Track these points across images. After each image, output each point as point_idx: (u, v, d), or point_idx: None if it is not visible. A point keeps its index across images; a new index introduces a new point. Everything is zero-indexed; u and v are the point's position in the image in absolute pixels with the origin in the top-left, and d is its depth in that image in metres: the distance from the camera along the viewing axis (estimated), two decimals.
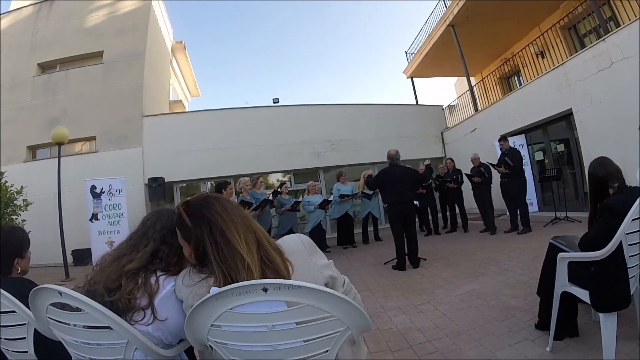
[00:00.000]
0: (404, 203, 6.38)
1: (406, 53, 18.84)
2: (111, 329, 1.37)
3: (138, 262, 1.54)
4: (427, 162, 6.91)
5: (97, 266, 1.58)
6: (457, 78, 20.45)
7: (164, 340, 1.49)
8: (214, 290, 1.09)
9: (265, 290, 1.05)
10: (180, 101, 20.06)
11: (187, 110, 20.02)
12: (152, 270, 1.54)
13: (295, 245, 1.39)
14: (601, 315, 2.33)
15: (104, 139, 12.67)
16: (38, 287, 1.41)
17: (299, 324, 1.09)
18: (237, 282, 1.17)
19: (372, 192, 9.50)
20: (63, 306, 1.41)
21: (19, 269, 2.23)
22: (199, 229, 1.32)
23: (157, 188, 10.98)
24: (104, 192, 9.59)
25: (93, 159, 12.30)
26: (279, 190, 8.74)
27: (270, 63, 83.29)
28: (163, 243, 1.61)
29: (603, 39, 8.23)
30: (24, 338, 1.86)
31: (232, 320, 1.11)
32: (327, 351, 1.14)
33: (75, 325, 1.42)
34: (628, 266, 2.33)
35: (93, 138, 12.89)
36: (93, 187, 9.85)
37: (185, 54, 19.35)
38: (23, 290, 1.76)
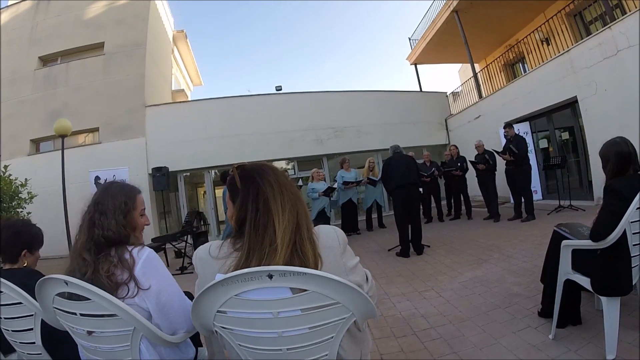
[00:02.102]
0: (409, 186, 6.40)
1: (409, 39, 18.67)
2: (117, 316, 1.39)
3: (83, 235, 1.59)
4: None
5: (69, 256, 1.62)
6: (461, 65, 20.34)
7: (151, 313, 1.52)
8: (220, 276, 1.09)
9: (270, 276, 1.04)
10: (183, 90, 20.03)
11: (189, 99, 19.97)
12: (116, 245, 1.57)
13: (330, 240, 1.34)
14: (604, 300, 2.34)
15: (106, 130, 12.70)
16: (44, 277, 1.43)
17: (304, 310, 1.09)
18: (256, 258, 1.20)
19: (377, 178, 9.50)
20: (70, 296, 1.42)
21: (25, 262, 2.26)
22: (246, 193, 1.32)
23: (161, 177, 10.99)
24: None
25: (96, 150, 12.36)
26: None
27: (273, 51, 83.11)
28: (95, 211, 1.63)
29: (609, 27, 8.12)
30: (31, 329, 1.88)
31: (238, 306, 1.11)
32: (332, 337, 1.14)
33: (81, 315, 1.43)
34: (632, 254, 2.32)
35: (96, 129, 12.94)
36: (97, 178, 9.90)
37: (186, 43, 19.28)
38: (28, 281, 1.79)
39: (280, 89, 14.51)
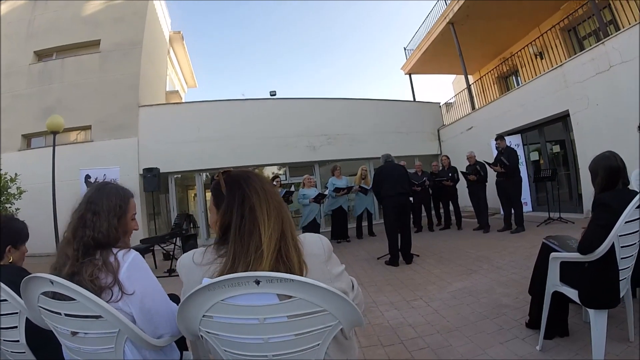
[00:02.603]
0: (400, 195, 6.41)
1: (405, 49, 18.83)
2: (102, 317, 1.38)
3: (70, 232, 1.58)
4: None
5: (58, 252, 1.59)
6: (455, 76, 20.50)
7: (135, 318, 1.50)
8: (206, 281, 1.08)
9: (257, 282, 1.04)
10: (177, 92, 19.97)
11: (183, 101, 19.93)
12: (101, 247, 1.55)
13: (316, 248, 1.34)
14: (591, 312, 2.36)
15: (99, 128, 12.61)
16: (30, 275, 1.41)
17: (290, 317, 1.09)
18: (242, 264, 1.19)
19: (368, 187, 9.52)
20: (54, 295, 1.41)
21: (11, 258, 2.21)
22: (232, 199, 1.31)
23: (152, 179, 10.91)
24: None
25: (88, 149, 12.25)
26: (274, 183, 8.71)
27: (268, 56, 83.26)
28: (87, 210, 1.62)
29: (602, 42, 8.23)
30: (16, 327, 1.85)
31: (224, 311, 1.10)
32: (318, 345, 1.14)
33: (66, 315, 1.42)
34: (620, 267, 2.35)
35: (88, 127, 12.84)
36: (87, 177, 9.83)
37: (183, 45, 19.25)
38: (14, 278, 1.78)
39: (275, 94, 14.51)
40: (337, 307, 1.08)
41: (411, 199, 6.96)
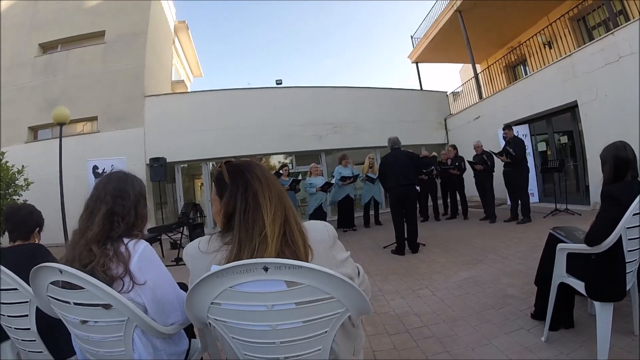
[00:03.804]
0: (405, 186, 6.38)
1: (412, 37, 18.63)
2: (111, 306, 1.39)
3: (98, 226, 1.55)
4: (434, 153, 6.96)
5: (69, 244, 1.59)
6: (462, 65, 20.28)
7: (147, 307, 1.51)
8: (215, 267, 1.08)
9: (265, 269, 1.04)
10: (183, 81, 19.95)
11: (189, 90, 19.88)
12: (116, 238, 1.55)
13: (320, 234, 1.36)
14: (597, 305, 2.35)
15: (105, 119, 12.66)
16: (38, 265, 1.42)
17: (298, 304, 1.09)
18: (247, 250, 1.20)
19: (375, 176, 9.51)
20: (64, 285, 1.42)
21: (36, 239, 2.44)
22: (235, 187, 1.33)
23: (159, 168, 10.96)
24: (105, 173, 9.54)
25: (94, 140, 12.30)
26: (280, 172, 8.72)
27: (274, 45, 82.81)
28: (116, 204, 1.61)
29: (612, 32, 8.12)
30: (27, 315, 1.88)
31: (232, 298, 1.11)
32: (325, 332, 1.15)
33: (75, 304, 1.43)
34: (627, 260, 2.33)
35: (94, 118, 12.88)
36: (95, 168, 9.90)
37: (188, 34, 19.19)
38: (39, 252, 2.11)
39: (281, 83, 14.44)
40: (345, 295, 1.08)
41: (418, 188, 6.93)
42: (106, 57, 13.24)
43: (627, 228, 2.27)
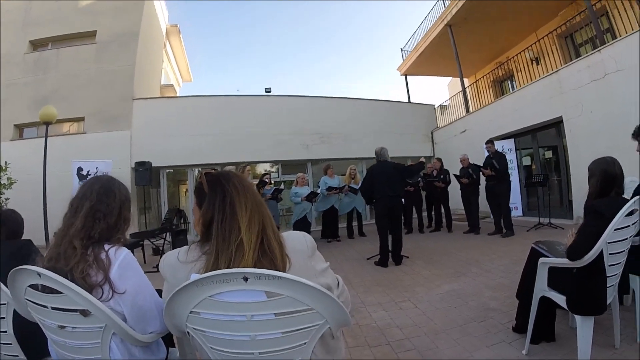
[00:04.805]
0: (391, 198, 6.38)
1: (402, 50, 18.83)
2: (89, 312, 1.38)
3: (80, 222, 1.54)
4: (422, 158, 6.97)
5: (52, 243, 1.57)
6: (450, 78, 20.54)
7: (126, 316, 1.49)
8: (195, 276, 1.08)
9: (245, 279, 1.04)
10: (172, 86, 19.87)
11: (178, 95, 19.81)
12: (97, 241, 1.54)
13: (299, 244, 1.38)
14: (578, 318, 2.38)
15: (92, 120, 12.49)
16: (17, 268, 1.40)
17: (277, 315, 1.09)
18: (224, 258, 1.21)
19: (357, 186, 9.53)
20: (43, 288, 1.40)
21: None
22: (213, 196, 1.35)
23: (144, 172, 10.85)
24: (90, 175, 9.43)
25: (80, 140, 12.14)
26: (265, 180, 8.70)
27: (265, 52, 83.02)
28: (100, 201, 1.61)
29: (598, 50, 8.31)
30: (4, 318, 1.84)
31: (212, 307, 1.10)
32: (305, 344, 1.14)
33: (53, 308, 1.41)
34: (608, 274, 2.37)
35: (82, 119, 12.71)
36: (80, 169, 9.75)
37: (179, 38, 19.14)
38: (25, 250, 2.19)
39: (270, 91, 14.46)
40: (324, 306, 1.08)
41: (403, 200, 6.94)
42: (96, 58, 13.09)
43: (609, 243, 2.31)
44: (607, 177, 2.58)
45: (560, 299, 2.49)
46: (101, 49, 13.21)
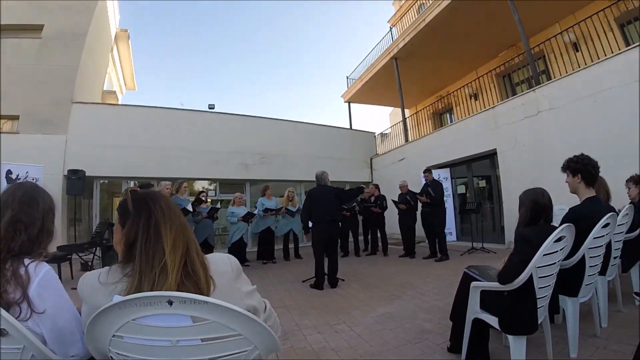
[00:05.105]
0: (329, 223, 6.43)
1: (347, 78, 19.35)
2: (6, 332, 1.27)
3: (3, 227, 1.43)
4: (362, 186, 7.06)
5: None
6: (392, 108, 21.20)
7: (46, 338, 1.38)
8: (117, 298, 1.05)
9: (170, 303, 1.01)
10: (114, 92, 19.09)
11: (120, 103, 19.07)
12: (17, 254, 1.42)
13: (223, 266, 1.36)
14: (510, 338, 2.48)
15: (27, 120, 11.53)
16: None
17: (204, 340, 1.07)
18: (147, 281, 1.17)
19: (295, 209, 9.59)
20: None
21: None
22: (138, 216, 1.32)
23: (77, 181, 10.27)
24: (20, 179, 8.81)
25: (12, 141, 11.09)
26: (202, 198, 8.50)
27: (212, 69, 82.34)
28: (22, 211, 1.50)
29: (533, 89, 8.96)
30: None
31: (135, 331, 1.07)
32: None
33: None
34: (538, 296, 2.50)
35: (16, 117, 11.71)
36: (9, 172, 9.08)
37: (127, 44, 18.50)
38: None
39: (213, 108, 14.23)
40: (253, 332, 1.08)
41: (340, 224, 6.99)
42: (39, 54, 12.20)
43: (538, 267, 2.45)
44: (536, 207, 2.74)
45: (492, 320, 2.59)
46: (45, 45, 12.34)
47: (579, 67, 8.23)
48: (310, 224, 6.68)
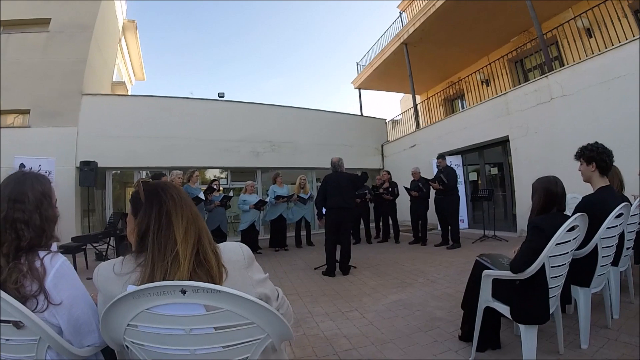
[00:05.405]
0: (344, 209, 6.45)
1: (357, 64, 19.15)
2: (22, 325, 1.30)
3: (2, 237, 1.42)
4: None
5: None
6: (403, 94, 21.01)
7: (62, 329, 1.40)
8: (131, 288, 1.06)
9: (183, 292, 1.02)
10: (124, 83, 19.12)
11: (129, 93, 19.12)
12: (29, 249, 1.43)
13: (235, 255, 1.37)
14: (522, 327, 2.46)
15: (38, 113, 11.65)
16: None
17: (217, 329, 1.08)
18: (160, 270, 1.18)
19: (306, 196, 9.56)
20: None
21: None
22: (149, 206, 1.33)
23: (89, 172, 10.37)
24: None
25: (24, 134, 11.24)
26: (214, 187, 8.54)
27: (221, 57, 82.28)
28: (15, 209, 1.46)
29: (546, 76, 8.80)
30: None
31: (149, 320, 1.08)
32: (247, 358, 1.13)
33: None
34: (550, 286, 2.47)
35: (27, 111, 11.83)
36: (22, 166, 9.18)
37: (135, 35, 18.48)
38: None
39: (223, 96, 14.22)
40: (265, 320, 1.08)
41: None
42: (47, 47, 12.25)
43: (550, 256, 2.42)
44: (549, 195, 2.71)
45: (504, 309, 2.57)
46: (53, 39, 12.39)
47: (592, 53, 8.08)
48: (324, 210, 6.70)
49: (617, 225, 3.03)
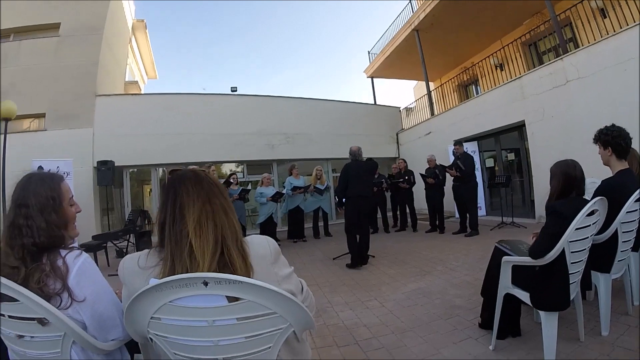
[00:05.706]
0: (364, 198, 6.43)
1: (369, 53, 19.02)
2: (47, 321, 1.32)
3: (8, 246, 1.42)
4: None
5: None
6: (416, 82, 20.83)
7: (87, 324, 1.42)
8: (154, 281, 1.06)
9: (205, 283, 1.02)
10: (136, 82, 19.28)
11: (142, 92, 19.30)
12: (48, 250, 1.43)
13: (262, 249, 1.33)
14: (542, 314, 2.44)
15: (53, 116, 11.90)
16: None
17: (240, 320, 1.08)
18: (179, 263, 1.17)
19: (324, 187, 9.58)
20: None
21: None
22: (166, 197, 1.31)
23: (107, 172, 10.53)
24: None
25: (41, 138, 11.51)
26: (231, 180, 8.58)
27: (232, 52, 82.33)
28: (18, 215, 1.46)
29: (561, 58, 8.60)
30: None
31: (172, 313, 1.08)
32: (269, 347, 1.14)
33: (10, 317, 1.35)
34: (570, 272, 2.44)
35: (42, 115, 12.09)
36: (40, 169, 9.37)
37: (145, 34, 18.62)
38: None
39: (236, 90, 14.24)
40: (287, 310, 1.08)
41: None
42: (59, 51, 12.47)
43: (570, 242, 2.38)
44: (567, 179, 2.66)
45: (524, 296, 2.55)
46: (64, 43, 12.60)
47: (607, 34, 7.88)
48: (343, 200, 6.69)
49: (637, 209, 2.97)
